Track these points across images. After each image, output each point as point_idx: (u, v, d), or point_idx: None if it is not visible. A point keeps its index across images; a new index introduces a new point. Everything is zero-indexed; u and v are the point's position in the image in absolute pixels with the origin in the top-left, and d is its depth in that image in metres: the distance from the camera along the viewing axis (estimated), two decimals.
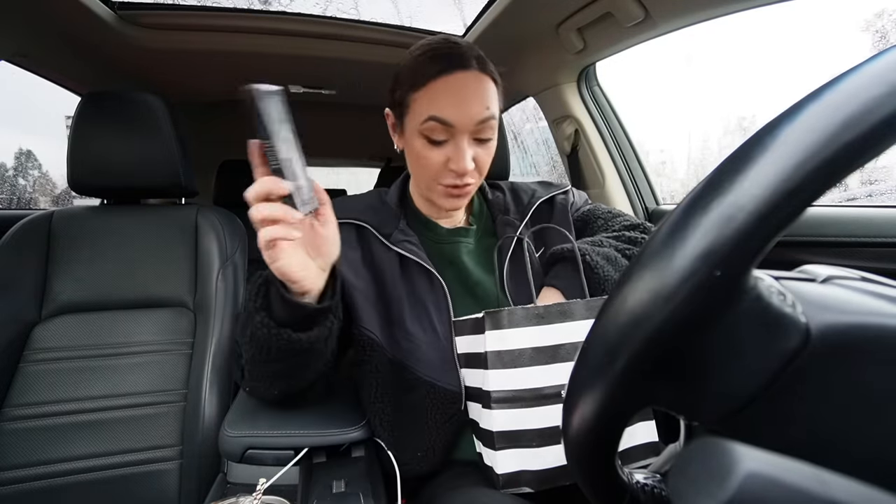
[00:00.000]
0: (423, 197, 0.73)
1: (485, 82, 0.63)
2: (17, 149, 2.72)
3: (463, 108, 0.61)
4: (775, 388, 0.23)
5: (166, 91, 1.41)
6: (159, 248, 0.93)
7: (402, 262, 0.68)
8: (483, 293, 0.69)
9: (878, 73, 0.19)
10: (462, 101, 0.61)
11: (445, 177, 0.65)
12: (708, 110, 1.77)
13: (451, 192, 0.66)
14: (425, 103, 0.62)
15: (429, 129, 0.62)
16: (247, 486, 0.67)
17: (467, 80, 0.61)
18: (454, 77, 0.61)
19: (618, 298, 0.22)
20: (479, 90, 0.62)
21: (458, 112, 0.61)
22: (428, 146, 0.63)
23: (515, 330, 0.56)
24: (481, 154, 0.65)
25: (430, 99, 0.61)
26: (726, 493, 0.17)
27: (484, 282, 0.70)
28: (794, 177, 0.18)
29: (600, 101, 1.35)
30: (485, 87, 0.63)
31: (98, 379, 0.83)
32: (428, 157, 0.64)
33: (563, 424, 0.25)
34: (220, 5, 1.24)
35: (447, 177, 0.64)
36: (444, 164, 0.63)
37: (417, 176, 0.70)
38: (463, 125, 0.61)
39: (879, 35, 1.08)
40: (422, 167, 0.66)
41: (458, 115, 0.61)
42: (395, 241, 0.67)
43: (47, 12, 0.99)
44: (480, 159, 0.65)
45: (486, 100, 0.62)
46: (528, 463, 0.55)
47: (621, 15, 0.97)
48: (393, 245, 0.67)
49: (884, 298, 0.24)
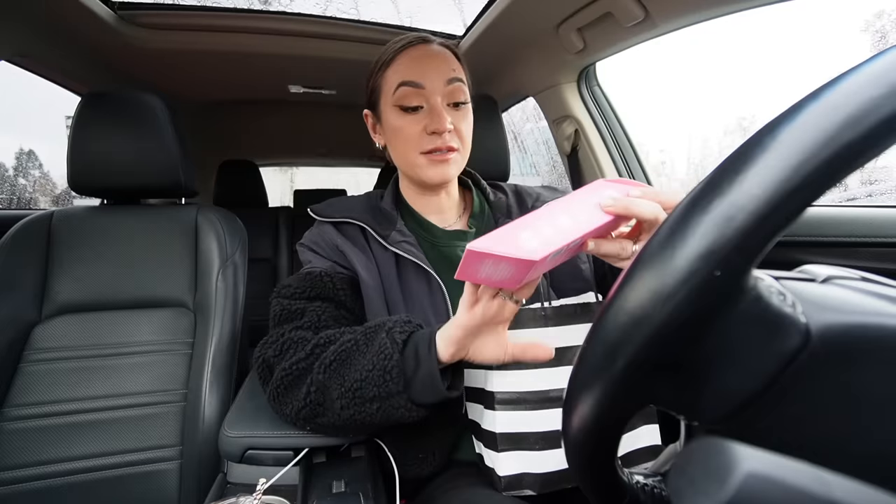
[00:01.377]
0: (413, 183, 0.72)
1: (448, 53, 0.67)
2: (18, 149, 2.72)
3: (430, 69, 0.64)
4: (775, 389, 0.23)
5: (166, 91, 1.41)
6: (159, 248, 0.93)
7: (398, 263, 0.67)
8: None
9: (877, 73, 0.19)
10: (428, 64, 0.65)
11: (426, 143, 0.65)
12: (708, 110, 1.78)
13: (434, 159, 0.65)
14: (394, 74, 0.65)
15: (401, 96, 0.64)
16: (247, 486, 0.67)
17: (431, 49, 0.66)
18: (418, 47, 0.66)
19: (618, 298, 0.22)
20: (443, 56, 0.66)
21: (426, 73, 0.64)
22: (403, 115, 0.65)
23: (521, 331, 0.55)
24: (458, 119, 0.66)
25: (398, 69, 0.65)
26: (726, 493, 0.17)
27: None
28: (793, 177, 0.19)
29: (600, 101, 1.35)
30: (449, 55, 0.67)
31: (98, 379, 0.83)
32: (405, 126, 0.65)
33: (563, 424, 0.25)
34: (220, 5, 1.24)
35: (427, 142, 0.64)
36: (422, 130, 0.64)
37: (400, 154, 0.69)
38: (433, 86, 0.64)
39: (879, 35, 1.08)
40: (401, 140, 0.66)
41: (427, 76, 0.64)
42: (392, 241, 0.67)
43: (47, 12, 0.99)
44: (458, 125, 0.65)
45: (452, 64, 0.66)
46: (530, 466, 0.55)
47: (621, 15, 0.97)
48: (391, 246, 0.66)
49: (884, 298, 0.24)
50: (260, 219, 1.88)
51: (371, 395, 0.51)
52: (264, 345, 0.61)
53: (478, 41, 1.27)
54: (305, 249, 0.69)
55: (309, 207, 0.73)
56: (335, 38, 1.30)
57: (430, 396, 0.51)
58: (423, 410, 0.52)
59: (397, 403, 0.51)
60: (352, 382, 0.52)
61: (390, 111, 0.66)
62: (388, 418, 0.52)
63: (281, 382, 0.57)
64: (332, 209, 0.71)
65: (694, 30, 0.97)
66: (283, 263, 1.90)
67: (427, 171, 0.66)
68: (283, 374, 0.56)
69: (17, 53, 1.05)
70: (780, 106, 0.21)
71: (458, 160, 0.68)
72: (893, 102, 0.18)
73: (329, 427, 0.57)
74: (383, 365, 0.51)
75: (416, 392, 0.51)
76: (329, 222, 0.70)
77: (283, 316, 0.62)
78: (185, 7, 1.21)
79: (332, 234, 0.68)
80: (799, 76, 1.26)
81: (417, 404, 0.51)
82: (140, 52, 1.24)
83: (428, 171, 0.66)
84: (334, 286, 0.64)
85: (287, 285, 0.65)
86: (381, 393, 0.51)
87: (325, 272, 0.65)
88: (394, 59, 0.66)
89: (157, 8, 1.18)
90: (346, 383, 0.52)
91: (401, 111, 0.65)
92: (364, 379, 0.51)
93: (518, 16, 1.11)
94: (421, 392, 0.51)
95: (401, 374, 0.50)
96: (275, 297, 0.65)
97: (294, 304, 0.63)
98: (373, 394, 0.51)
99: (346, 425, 0.55)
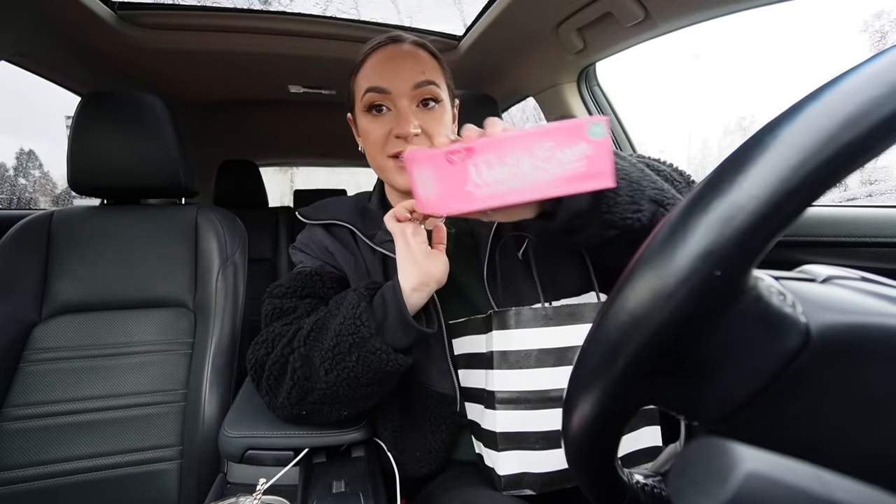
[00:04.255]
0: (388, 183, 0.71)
1: (419, 52, 0.65)
2: (18, 149, 2.72)
3: (396, 73, 0.63)
4: (775, 388, 0.23)
5: (166, 91, 1.41)
6: (159, 248, 0.93)
7: (385, 263, 0.67)
8: (468, 294, 0.68)
9: (877, 73, 0.19)
10: (395, 67, 0.63)
11: (391, 146, 0.64)
12: (708, 110, 1.78)
13: (400, 164, 0.64)
14: (363, 79, 0.65)
15: (368, 100, 0.64)
16: (247, 486, 0.67)
17: (400, 50, 0.65)
18: (386, 49, 0.65)
19: (618, 298, 0.22)
20: (412, 57, 0.64)
21: (391, 77, 0.62)
22: (371, 119, 0.64)
23: (522, 330, 0.55)
24: (428, 121, 0.63)
25: (366, 74, 0.64)
26: (726, 493, 0.17)
27: (466, 282, 0.68)
28: (793, 177, 0.19)
29: (600, 101, 1.35)
30: (419, 55, 0.65)
31: (98, 379, 0.83)
32: (373, 130, 0.64)
33: (563, 424, 0.25)
34: (220, 5, 1.24)
35: (392, 146, 0.64)
36: (387, 133, 0.64)
37: (371, 157, 0.68)
38: (398, 89, 0.62)
39: (879, 35, 1.08)
40: (370, 144, 0.66)
41: (392, 80, 0.62)
42: (378, 241, 0.66)
43: (47, 12, 0.99)
44: (428, 128, 0.63)
45: (421, 66, 0.64)
46: (530, 465, 0.54)
47: (621, 15, 0.97)
48: (376, 245, 0.66)
49: (884, 298, 0.24)
50: (260, 219, 1.88)
51: (348, 346, 0.52)
52: (255, 345, 0.61)
53: (478, 41, 1.27)
54: (297, 251, 0.71)
55: (297, 210, 0.73)
56: (335, 38, 1.30)
57: (404, 335, 0.53)
58: (403, 357, 0.53)
59: (373, 347, 0.52)
60: (329, 341, 0.53)
61: (361, 115, 0.66)
62: (370, 367, 0.53)
63: (270, 373, 0.58)
64: (320, 212, 0.72)
65: (694, 30, 0.97)
66: (283, 263, 1.90)
67: (394, 176, 0.66)
68: (271, 365, 0.57)
69: (17, 53, 1.05)
70: (780, 106, 0.21)
71: None
72: (893, 102, 0.18)
73: (321, 402, 0.57)
74: (353, 314, 0.53)
75: (390, 334, 0.53)
76: (318, 224, 0.71)
77: (274, 314, 0.63)
78: (185, 7, 1.21)
79: (322, 236, 0.69)
80: (799, 76, 1.26)
81: (396, 348, 0.53)
82: (140, 52, 1.24)
83: (395, 175, 0.65)
84: (324, 284, 0.65)
85: (279, 285, 0.66)
86: (356, 339, 0.52)
87: (314, 271, 0.66)
88: (363, 62, 0.65)
89: (157, 8, 1.18)
90: (325, 345, 0.54)
91: (369, 115, 0.65)
92: (339, 333, 0.53)
93: (518, 16, 1.11)
94: (394, 332, 0.53)
95: (371, 318, 0.53)
96: (267, 298, 0.66)
97: (285, 302, 0.63)
98: (349, 343, 0.52)
99: (336, 392, 0.55)
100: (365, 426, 0.64)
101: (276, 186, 3.66)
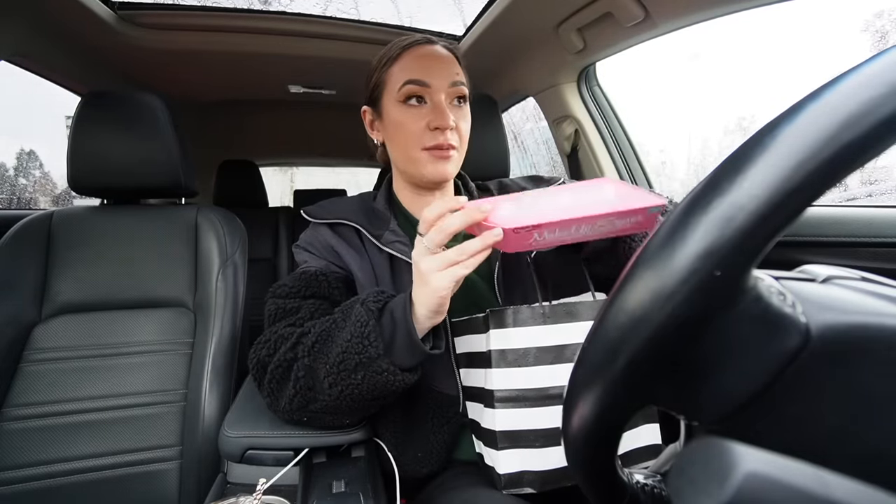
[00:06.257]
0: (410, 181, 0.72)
1: (451, 57, 0.69)
2: (18, 149, 2.72)
3: (436, 69, 0.66)
4: (775, 388, 0.23)
5: (166, 91, 1.41)
6: (159, 248, 0.93)
7: (392, 263, 0.67)
8: (476, 293, 0.68)
9: (877, 73, 0.19)
10: (434, 64, 0.66)
11: (428, 139, 0.65)
12: (708, 110, 1.77)
13: (435, 155, 0.66)
14: (400, 72, 0.66)
15: (406, 92, 0.65)
16: (247, 486, 0.67)
17: (436, 50, 0.68)
18: (424, 47, 0.67)
19: (618, 298, 0.22)
20: (448, 58, 0.68)
21: (432, 73, 0.65)
22: (407, 110, 0.66)
23: (520, 329, 0.55)
24: (459, 117, 0.67)
25: (404, 66, 0.66)
26: (726, 493, 0.17)
27: (476, 282, 0.69)
28: (793, 177, 0.19)
29: (600, 101, 1.35)
30: (452, 59, 0.68)
31: (98, 379, 0.83)
32: (408, 121, 0.65)
33: (563, 424, 0.25)
34: (220, 5, 1.24)
35: (430, 138, 0.65)
36: (424, 126, 0.65)
37: (400, 150, 0.69)
38: (438, 84, 0.65)
39: (879, 35, 1.08)
40: (403, 135, 0.66)
41: (433, 75, 0.65)
42: (385, 241, 0.67)
43: (47, 12, 0.99)
44: (459, 124, 0.67)
45: (455, 67, 0.68)
46: (530, 463, 0.54)
47: (621, 15, 0.97)
48: (384, 246, 0.66)
49: (884, 298, 0.24)
50: (260, 219, 1.87)
51: (354, 364, 0.52)
52: (258, 345, 0.61)
53: (478, 41, 1.27)
54: (301, 250, 0.70)
55: (302, 209, 0.73)
56: (335, 38, 1.30)
57: (411, 357, 0.53)
58: (409, 375, 0.53)
59: (380, 368, 0.52)
60: (335, 357, 0.53)
61: (394, 107, 0.66)
62: (375, 386, 0.53)
63: (272, 377, 0.57)
64: (325, 211, 0.72)
65: (694, 30, 0.97)
66: (283, 263, 1.89)
67: (427, 167, 0.66)
68: (274, 368, 0.57)
69: (17, 53, 1.05)
70: (780, 106, 0.21)
71: (457, 159, 0.68)
72: (893, 102, 0.18)
73: (323, 412, 0.57)
74: (361, 332, 0.52)
75: (397, 354, 0.53)
76: (324, 223, 0.70)
77: (277, 315, 0.63)
78: (185, 7, 1.21)
79: (327, 235, 0.69)
80: (799, 76, 1.26)
81: (403, 369, 0.53)
82: (140, 52, 1.24)
83: (428, 166, 0.66)
84: (329, 284, 0.65)
85: (282, 285, 0.65)
86: (363, 360, 0.52)
87: (319, 271, 0.65)
88: (400, 56, 0.66)
89: (157, 8, 1.18)
90: (331, 360, 0.53)
91: (404, 106, 0.66)
92: (345, 350, 0.52)
93: (518, 16, 1.11)
94: (402, 353, 0.53)
95: (379, 338, 0.52)
96: (270, 297, 0.65)
97: (289, 302, 0.63)
98: (355, 362, 0.52)
99: (339, 405, 0.55)
100: (365, 426, 0.65)
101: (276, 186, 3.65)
